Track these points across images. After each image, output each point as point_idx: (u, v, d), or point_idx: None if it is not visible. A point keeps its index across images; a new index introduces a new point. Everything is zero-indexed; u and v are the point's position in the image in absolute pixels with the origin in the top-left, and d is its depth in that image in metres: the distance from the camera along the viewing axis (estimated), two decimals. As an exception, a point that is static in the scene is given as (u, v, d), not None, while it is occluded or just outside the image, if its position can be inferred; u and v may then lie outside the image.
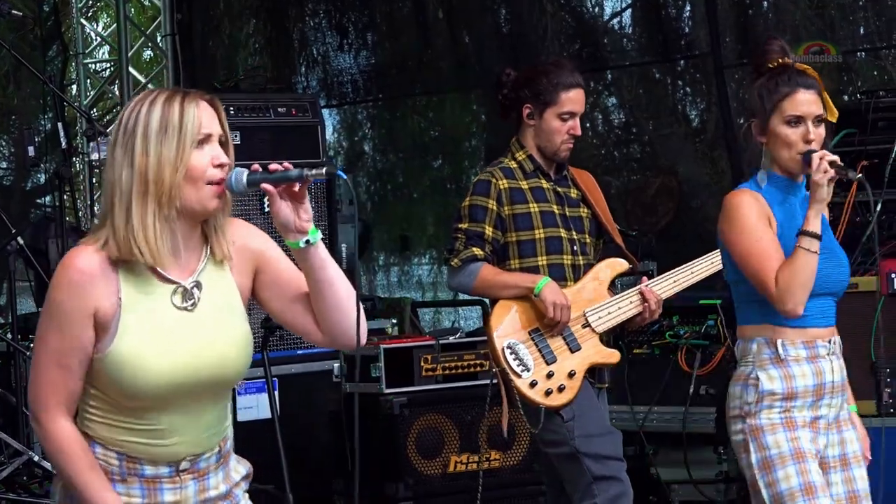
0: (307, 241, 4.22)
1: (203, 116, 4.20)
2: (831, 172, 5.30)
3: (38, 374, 4.16)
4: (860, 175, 5.42)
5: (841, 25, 10.35)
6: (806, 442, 5.43)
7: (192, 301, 4.27)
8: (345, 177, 4.37)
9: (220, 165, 4.18)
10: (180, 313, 4.24)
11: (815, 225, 5.34)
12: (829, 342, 5.50)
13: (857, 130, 8.81)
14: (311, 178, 4.16)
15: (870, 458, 5.61)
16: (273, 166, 4.19)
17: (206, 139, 4.19)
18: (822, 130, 5.46)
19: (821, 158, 5.32)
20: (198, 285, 4.29)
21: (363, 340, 4.38)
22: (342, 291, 4.31)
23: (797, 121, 5.42)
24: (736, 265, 5.47)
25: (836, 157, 5.34)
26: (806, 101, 5.43)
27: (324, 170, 4.18)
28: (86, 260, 4.14)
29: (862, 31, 10.34)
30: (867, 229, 8.53)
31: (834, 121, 5.68)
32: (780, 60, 5.52)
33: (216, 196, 4.19)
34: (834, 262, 5.52)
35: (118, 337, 4.14)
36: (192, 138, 4.15)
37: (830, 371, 5.47)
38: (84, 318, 4.13)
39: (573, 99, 7.00)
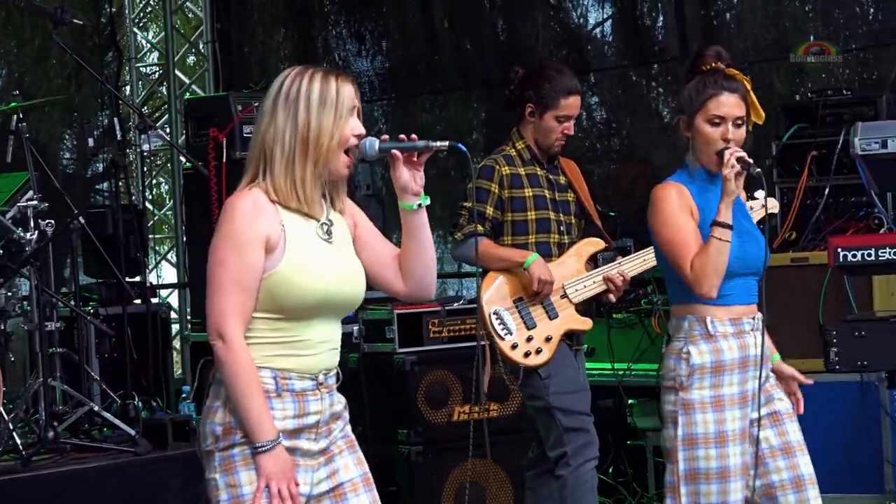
0: (419, 204, 4.53)
1: (353, 93, 4.46)
2: (738, 168, 5.27)
3: (222, 296, 4.34)
4: (759, 170, 5.33)
5: (793, 35, 10.32)
6: (731, 423, 5.38)
7: (329, 235, 4.50)
8: (464, 149, 4.56)
9: (359, 135, 4.43)
10: (323, 243, 4.48)
11: (726, 216, 5.30)
12: (753, 318, 5.46)
13: (809, 125, 8.80)
14: (434, 149, 4.45)
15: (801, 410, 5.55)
16: (401, 136, 4.45)
17: (353, 110, 4.45)
18: (742, 132, 5.42)
19: (730, 155, 5.29)
20: (330, 223, 4.52)
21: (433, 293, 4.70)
22: (430, 252, 4.62)
23: (719, 121, 5.38)
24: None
25: (743, 154, 5.31)
26: (728, 104, 5.39)
27: (447, 143, 4.47)
28: (253, 196, 4.38)
29: (812, 38, 10.29)
30: (816, 210, 8.56)
31: (760, 122, 5.62)
32: (713, 64, 5.48)
33: (348, 165, 4.46)
34: (751, 243, 5.47)
35: (286, 257, 4.37)
36: (346, 112, 4.41)
37: (754, 345, 5.42)
38: (259, 242, 4.34)
39: (571, 104, 7.05)
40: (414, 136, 4.40)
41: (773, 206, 7.15)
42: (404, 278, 4.60)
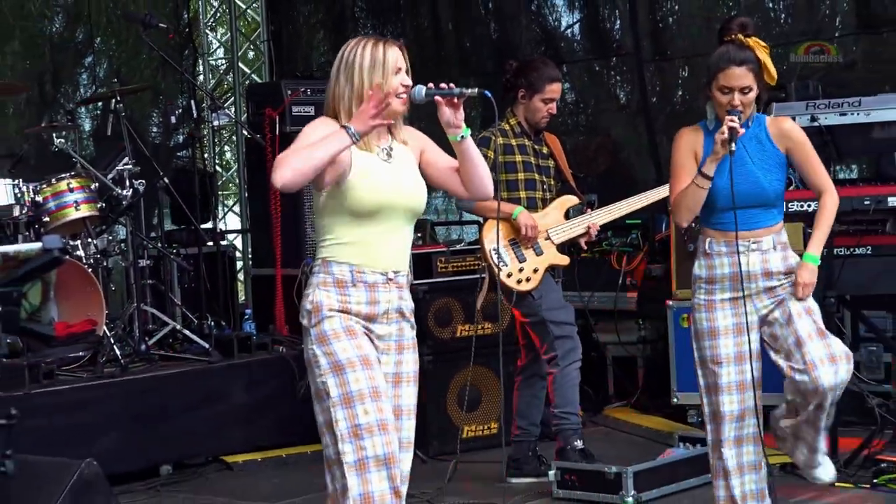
0: (462, 136, 4.55)
1: (397, 55, 4.55)
2: (726, 136, 5.17)
3: (289, 151, 4.38)
4: (733, 146, 5.18)
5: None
6: (721, 320, 5.38)
7: (389, 156, 4.57)
8: (489, 95, 4.61)
9: (406, 86, 4.53)
10: (383, 163, 4.55)
11: (708, 169, 5.24)
12: (750, 241, 5.34)
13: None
14: (466, 94, 4.50)
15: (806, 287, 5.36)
16: (442, 85, 4.51)
17: (398, 71, 4.53)
18: (750, 97, 5.31)
19: (725, 123, 5.21)
20: (389, 149, 4.59)
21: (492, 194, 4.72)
22: (479, 167, 4.62)
23: (728, 90, 5.29)
24: None
25: (736, 126, 5.18)
26: (735, 76, 5.28)
27: (476, 89, 4.54)
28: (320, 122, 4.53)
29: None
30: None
31: (772, 83, 5.49)
32: (732, 36, 5.38)
33: (402, 104, 4.55)
34: (749, 181, 5.31)
35: (352, 171, 4.45)
36: (392, 69, 4.52)
37: (747, 263, 5.32)
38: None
39: (554, 90, 7.11)
40: (452, 84, 4.50)
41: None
42: (465, 187, 4.64)
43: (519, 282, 6.93)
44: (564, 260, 7.11)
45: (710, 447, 5.51)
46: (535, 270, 6.97)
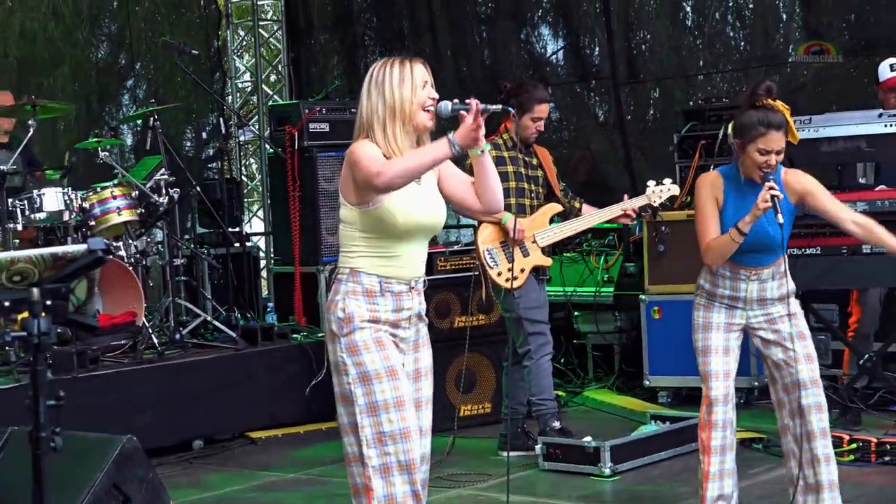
0: (481, 150, 4.31)
1: (423, 70, 4.37)
2: (769, 204, 5.03)
3: (368, 164, 4.22)
4: (781, 218, 5.05)
5: (688, 61, 10.28)
6: (717, 317, 5.31)
7: (419, 181, 4.35)
8: (511, 111, 4.77)
9: (433, 98, 4.34)
10: (416, 186, 4.33)
11: (744, 227, 5.10)
12: (752, 273, 5.25)
13: (699, 122, 8.78)
14: (490, 110, 4.28)
15: None
16: (467, 101, 4.27)
17: (424, 84, 4.35)
18: (781, 156, 5.19)
19: (767, 191, 5.06)
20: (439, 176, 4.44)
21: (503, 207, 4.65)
22: (494, 181, 4.41)
23: (767, 153, 5.14)
24: None
25: (778, 194, 5.06)
26: (775, 140, 5.13)
27: (499, 106, 4.41)
28: (372, 144, 4.32)
29: (701, 63, 10.26)
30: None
31: (795, 142, 5.35)
32: (764, 101, 5.20)
33: (430, 119, 4.35)
34: (760, 235, 5.17)
35: (392, 195, 4.25)
36: (419, 83, 4.33)
37: (745, 290, 5.27)
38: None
39: (542, 109, 7.07)
40: (476, 100, 4.33)
41: (675, 189, 7.08)
42: (479, 199, 4.44)
43: (507, 280, 6.91)
44: (548, 261, 7.09)
45: (701, 426, 5.42)
46: (522, 270, 6.95)
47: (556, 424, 7.05)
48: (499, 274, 6.87)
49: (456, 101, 4.33)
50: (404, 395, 4.28)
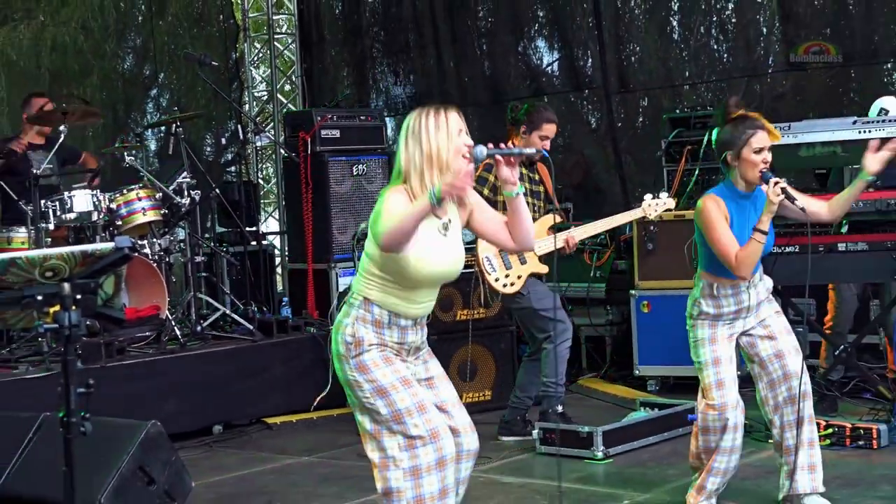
0: (516, 193, 4.25)
1: (457, 118, 4.26)
2: (782, 196, 5.02)
3: (388, 225, 4.07)
4: (798, 203, 5.06)
5: (675, 72, 10.28)
6: (721, 331, 5.26)
7: (447, 230, 4.27)
8: (547, 155, 4.60)
9: (469, 146, 4.19)
10: (440, 237, 4.24)
11: (765, 225, 5.07)
12: (749, 282, 5.22)
13: (685, 129, 8.77)
14: (525, 154, 4.34)
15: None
16: (501, 145, 4.25)
17: (459, 132, 4.22)
18: (770, 156, 5.18)
19: (775, 184, 5.04)
20: (448, 222, 4.29)
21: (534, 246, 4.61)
22: (528, 222, 4.32)
23: (760, 150, 5.13)
24: (705, 241, 5.20)
25: (786, 185, 5.06)
26: (763, 138, 5.14)
27: (534, 150, 4.48)
28: (404, 193, 4.18)
29: (686, 74, 10.25)
30: (690, 184, 8.54)
31: (777, 142, 5.33)
32: (739, 112, 5.20)
33: (468, 164, 4.17)
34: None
35: (413, 246, 4.13)
36: (454, 130, 4.20)
37: (748, 299, 5.23)
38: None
39: (550, 129, 7.00)
40: (511, 144, 4.26)
41: (671, 203, 7.04)
42: (513, 238, 4.35)
43: (504, 286, 6.88)
44: (544, 269, 7.02)
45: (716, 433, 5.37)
46: (519, 277, 6.90)
47: (559, 409, 7.02)
48: (496, 280, 6.85)
49: (490, 145, 4.24)
50: (424, 399, 4.23)
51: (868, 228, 6.92)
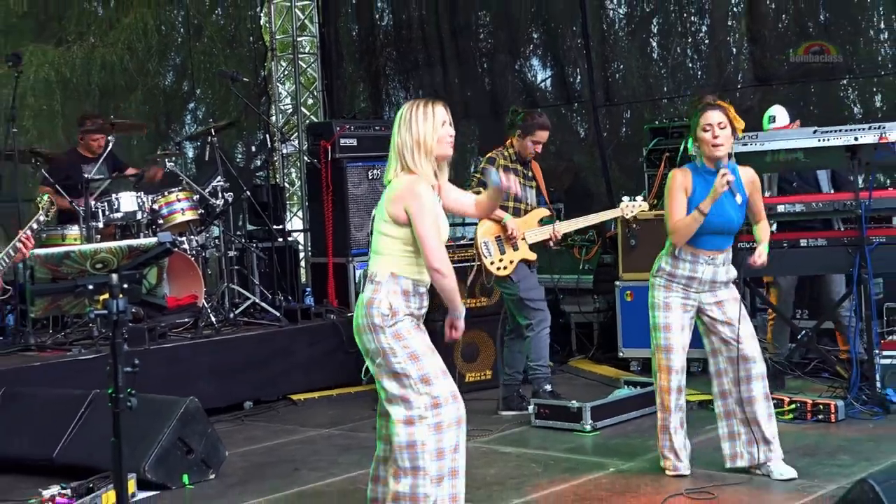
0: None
1: (443, 111, 4.39)
2: (727, 187, 5.08)
3: (429, 239, 4.25)
4: (739, 198, 5.17)
5: (655, 87, 10.24)
6: (675, 298, 5.26)
7: (439, 199, 4.39)
8: (497, 182, 4.46)
9: (452, 135, 4.37)
10: (438, 205, 4.35)
11: (705, 208, 5.10)
12: (710, 258, 5.22)
13: (664, 138, 8.75)
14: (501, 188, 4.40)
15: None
16: (502, 173, 4.45)
17: (444, 123, 4.36)
18: (727, 132, 5.18)
19: (722, 175, 5.09)
20: (439, 191, 4.42)
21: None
22: (492, 209, 4.71)
23: (708, 128, 5.17)
24: None
25: (732, 178, 5.10)
26: (711, 117, 5.17)
27: (511, 186, 4.42)
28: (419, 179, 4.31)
29: (665, 89, 10.22)
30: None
31: (740, 131, 5.37)
32: (704, 100, 5.33)
33: (451, 147, 4.37)
34: (723, 218, 5.20)
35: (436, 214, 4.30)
36: (440, 122, 4.35)
37: (702, 273, 5.23)
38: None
39: (542, 135, 7.06)
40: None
41: (645, 206, 7.05)
42: (477, 211, 4.65)
43: (498, 268, 6.90)
44: (533, 256, 7.04)
45: (662, 391, 5.40)
46: (511, 261, 6.93)
47: (548, 388, 7.02)
48: (491, 263, 6.88)
49: (501, 170, 4.42)
50: (443, 365, 4.33)
51: (822, 227, 6.95)
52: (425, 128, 4.32)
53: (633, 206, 7.00)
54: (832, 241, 6.87)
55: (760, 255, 5.40)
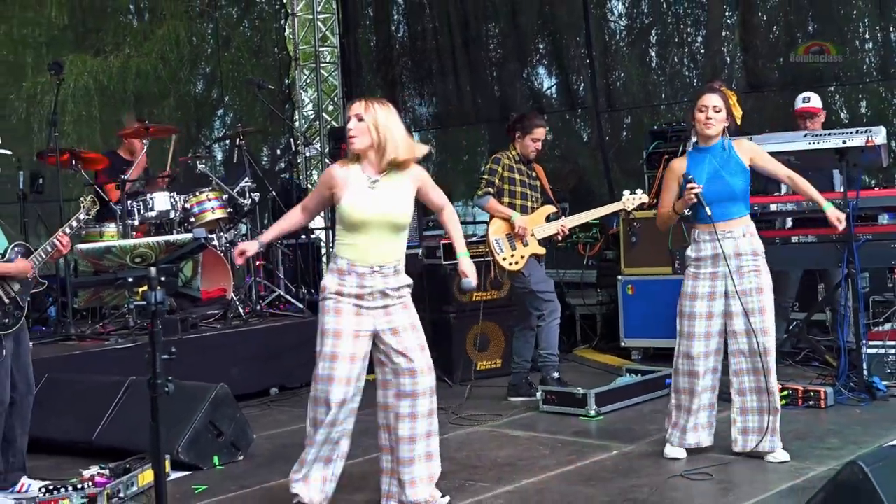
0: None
1: (355, 106, 4.50)
2: (693, 200, 5.04)
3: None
4: (709, 210, 5.06)
5: (653, 94, 10.24)
6: (702, 287, 5.15)
7: (374, 185, 4.44)
8: (469, 288, 4.86)
9: (350, 128, 4.45)
10: (369, 189, 4.43)
11: (679, 208, 5.10)
12: (725, 229, 5.09)
13: (663, 141, 8.72)
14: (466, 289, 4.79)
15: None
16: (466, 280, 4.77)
17: (349, 119, 4.50)
18: (721, 115, 5.11)
19: (689, 189, 5.05)
20: (375, 181, 4.45)
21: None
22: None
23: (703, 109, 5.12)
24: None
25: (699, 192, 5.04)
26: (706, 98, 5.12)
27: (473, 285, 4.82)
28: (336, 167, 4.50)
29: (663, 96, 10.19)
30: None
31: (738, 118, 5.32)
32: (709, 84, 5.24)
33: (351, 142, 4.46)
34: (717, 184, 5.10)
35: (346, 194, 4.41)
36: (350, 115, 4.52)
37: (725, 247, 5.08)
38: (325, 189, 4.51)
39: (540, 132, 7.02)
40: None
41: (645, 197, 7.00)
42: (441, 220, 4.80)
43: (510, 264, 6.87)
44: (542, 250, 7.01)
45: (675, 373, 5.33)
46: (522, 257, 6.90)
47: (556, 375, 6.99)
48: (503, 259, 6.85)
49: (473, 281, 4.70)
50: (339, 351, 4.40)
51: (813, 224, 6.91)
52: (347, 119, 4.53)
53: (633, 199, 6.96)
54: (822, 237, 6.83)
55: (840, 220, 5.27)
